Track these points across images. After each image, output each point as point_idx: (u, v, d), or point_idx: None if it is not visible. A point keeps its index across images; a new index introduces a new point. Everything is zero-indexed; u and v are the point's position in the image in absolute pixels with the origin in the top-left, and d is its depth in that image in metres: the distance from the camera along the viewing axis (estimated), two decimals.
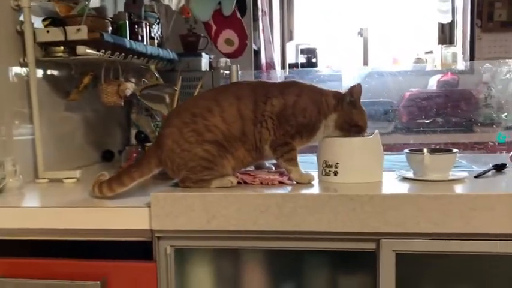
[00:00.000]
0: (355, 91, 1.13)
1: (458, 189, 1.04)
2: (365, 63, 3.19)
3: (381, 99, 2.63)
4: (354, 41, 3.31)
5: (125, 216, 1.07)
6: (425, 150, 1.16)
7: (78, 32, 1.38)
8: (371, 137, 1.14)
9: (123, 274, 1.08)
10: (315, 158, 1.17)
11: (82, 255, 1.11)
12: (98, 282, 1.05)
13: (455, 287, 1.05)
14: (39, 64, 1.43)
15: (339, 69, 3.01)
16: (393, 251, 1.00)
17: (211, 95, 1.14)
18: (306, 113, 1.11)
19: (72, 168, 1.48)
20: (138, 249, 1.10)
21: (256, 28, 2.91)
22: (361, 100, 1.15)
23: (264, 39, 2.93)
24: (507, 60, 1.27)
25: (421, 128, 2.57)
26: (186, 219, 1.04)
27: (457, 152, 1.14)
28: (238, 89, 1.14)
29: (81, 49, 1.39)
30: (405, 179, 1.14)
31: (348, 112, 1.13)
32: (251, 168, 1.22)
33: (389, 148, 1.59)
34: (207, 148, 1.08)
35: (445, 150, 1.17)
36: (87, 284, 1.06)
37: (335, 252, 1.05)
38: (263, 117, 1.10)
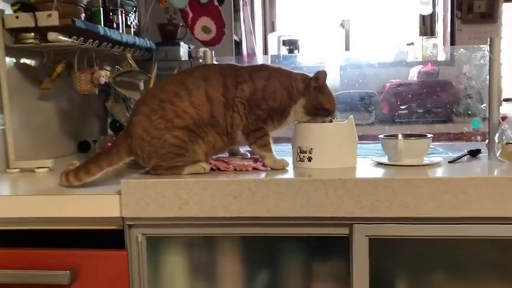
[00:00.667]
0: (320, 77, 1.12)
1: (431, 173, 1.04)
2: (346, 54, 3.18)
3: (362, 90, 2.63)
4: (336, 32, 3.31)
5: (95, 204, 1.05)
6: (399, 135, 1.15)
7: (49, 18, 1.34)
8: (345, 122, 1.13)
9: (93, 263, 1.06)
10: None
11: (53, 245, 1.09)
12: (67, 271, 1.03)
13: (429, 272, 1.05)
14: (9, 51, 1.40)
15: (322, 60, 3.00)
16: (366, 236, 1.00)
17: (178, 79, 1.12)
18: (276, 97, 1.10)
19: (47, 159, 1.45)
20: (111, 238, 1.08)
21: (237, 19, 2.89)
22: (343, 91, 1.15)
23: (245, 30, 2.91)
24: (481, 46, 1.28)
25: (402, 119, 2.58)
26: (158, 206, 1.02)
27: (431, 137, 1.14)
28: (206, 71, 1.13)
29: (52, 35, 1.35)
30: (380, 164, 1.14)
31: (315, 97, 1.12)
32: (225, 155, 1.21)
33: (369, 139, 1.58)
34: (177, 134, 1.06)
35: (419, 135, 1.16)
36: (57, 273, 1.04)
37: (309, 238, 1.04)
38: (234, 102, 1.08)
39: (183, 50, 2.09)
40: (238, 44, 2.95)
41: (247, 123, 1.09)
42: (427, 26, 3.31)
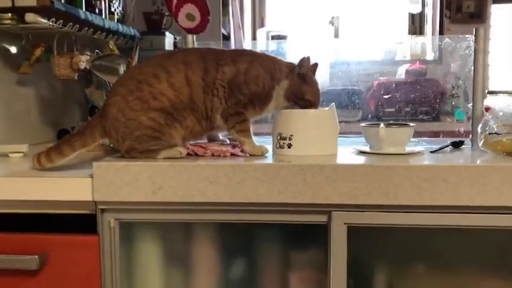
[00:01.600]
0: (304, 63, 1.10)
1: (412, 161, 1.02)
2: (335, 51, 3.17)
3: (350, 88, 2.61)
4: (325, 29, 3.30)
5: (66, 187, 1.01)
6: (381, 124, 1.13)
7: None
8: (326, 109, 1.11)
9: (63, 248, 1.02)
10: None
11: (22, 230, 1.05)
12: (36, 256, 0.99)
13: (408, 261, 1.03)
14: None
15: (311, 54, 2.98)
16: (345, 223, 0.97)
17: (158, 61, 1.09)
18: (258, 81, 1.07)
19: None
20: (83, 223, 1.04)
21: (226, 13, 2.86)
22: (331, 88, 1.13)
23: (234, 25, 2.88)
24: (466, 36, 1.27)
25: (389, 116, 2.57)
26: (131, 190, 0.99)
27: (413, 126, 1.13)
28: (187, 54, 1.10)
29: (30, 16, 1.32)
30: (361, 152, 1.12)
31: (298, 85, 1.10)
32: (204, 141, 1.18)
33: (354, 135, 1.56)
34: (153, 116, 1.02)
35: (402, 124, 1.15)
36: (25, 258, 1.00)
37: (287, 225, 1.02)
38: (214, 85, 1.05)
39: (168, 39, 2.06)
40: (226, 38, 2.93)
41: (226, 107, 1.07)
42: (416, 24, 3.31)
